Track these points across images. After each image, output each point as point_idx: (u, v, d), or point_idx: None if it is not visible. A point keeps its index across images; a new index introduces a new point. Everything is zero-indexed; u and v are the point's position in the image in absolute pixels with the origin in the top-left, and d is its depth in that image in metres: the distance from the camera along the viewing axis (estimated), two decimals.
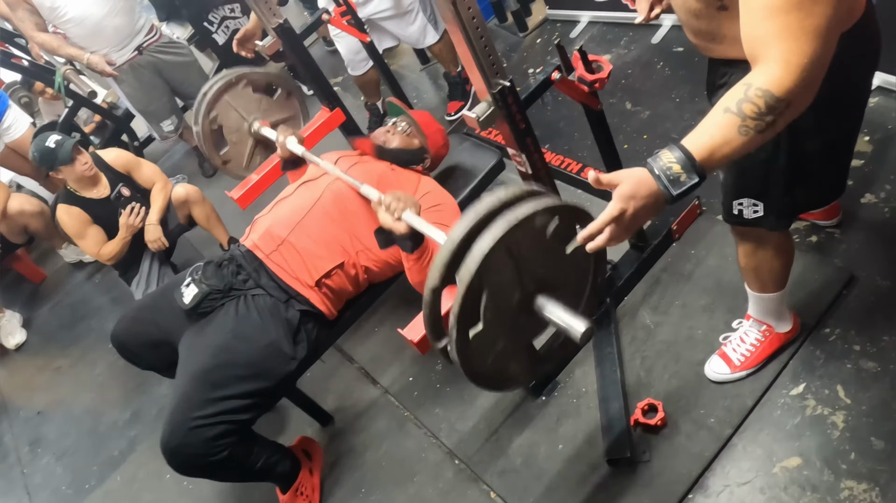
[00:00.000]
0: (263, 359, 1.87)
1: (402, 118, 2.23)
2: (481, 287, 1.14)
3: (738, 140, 1.04)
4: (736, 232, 1.62)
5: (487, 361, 1.29)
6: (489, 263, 1.11)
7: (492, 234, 1.11)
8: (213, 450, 1.81)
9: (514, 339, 1.32)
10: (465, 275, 1.12)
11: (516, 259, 1.17)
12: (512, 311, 1.24)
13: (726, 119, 1.04)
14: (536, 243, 1.20)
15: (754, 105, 1.02)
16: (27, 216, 3.84)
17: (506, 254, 1.14)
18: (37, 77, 4.36)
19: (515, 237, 1.13)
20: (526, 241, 1.17)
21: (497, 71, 1.51)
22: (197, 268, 1.99)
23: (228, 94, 2.29)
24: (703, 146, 1.06)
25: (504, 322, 1.24)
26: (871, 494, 1.60)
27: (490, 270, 1.13)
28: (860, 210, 2.08)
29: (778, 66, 1.00)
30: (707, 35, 1.30)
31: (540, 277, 1.24)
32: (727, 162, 1.08)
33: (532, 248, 1.19)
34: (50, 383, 3.52)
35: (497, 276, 1.16)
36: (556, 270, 1.27)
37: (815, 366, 1.83)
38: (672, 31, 3.10)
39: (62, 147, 2.86)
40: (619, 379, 1.97)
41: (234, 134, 2.40)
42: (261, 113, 2.39)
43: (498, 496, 1.96)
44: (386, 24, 3.15)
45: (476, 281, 1.12)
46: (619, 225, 1.11)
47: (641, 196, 1.09)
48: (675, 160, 1.07)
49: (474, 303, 1.15)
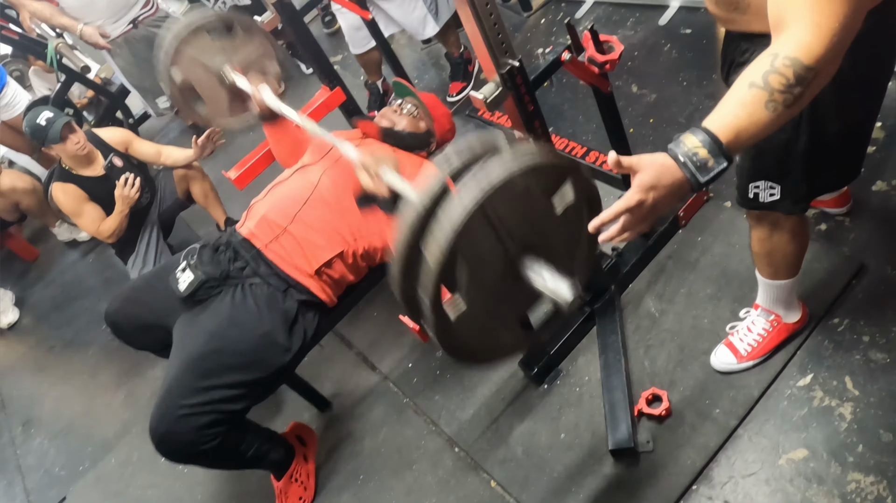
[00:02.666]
0: (257, 349, 1.83)
1: (408, 99, 2.17)
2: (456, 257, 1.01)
3: (765, 117, 0.98)
4: (751, 216, 1.58)
5: (474, 337, 1.17)
6: (463, 236, 0.98)
7: (463, 205, 0.96)
8: (203, 438, 1.78)
9: (503, 311, 1.18)
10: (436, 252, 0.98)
11: (496, 223, 1.03)
12: (497, 281, 1.11)
13: (752, 95, 0.98)
14: (520, 203, 1.06)
15: (782, 76, 0.96)
16: (19, 193, 3.78)
17: (484, 221, 1.01)
18: (28, 50, 4.27)
19: (493, 202, 1.00)
20: (507, 204, 1.03)
21: (506, 50, 1.45)
22: (192, 252, 1.94)
23: (186, 48, 2.11)
24: (729, 126, 0.99)
25: (489, 294, 1.12)
26: (879, 487, 1.57)
27: (466, 240, 0.99)
28: (871, 198, 2.04)
29: (808, 30, 0.95)
30: (730, 4, 1.24)
31: (526, 238, 1.10)
32: (755, 142, 1.01)
33: (515, 209, 1.05)
34: (43, 363, 3.48)
35: (475, 243, 1.03)
36: (545, 230, 1.13)
37: (823, 357, 1.80)
38: (679, 12, 3.04)
39: (52, 126, 2.79)
40: (623, 368, 1.94)
41: (207, 87, 2.21)
42: (226, 57, 2.17)
43: (498, 485, 1.94)
44: (387, 7, 3.08)
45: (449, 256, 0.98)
46: (636, 215, 1.04)
47: (664, 185, 1.02)
48: (701, 144, 1.00)
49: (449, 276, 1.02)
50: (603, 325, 2.06)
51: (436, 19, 3.10)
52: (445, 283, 1.03)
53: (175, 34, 2.08)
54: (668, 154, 1.03)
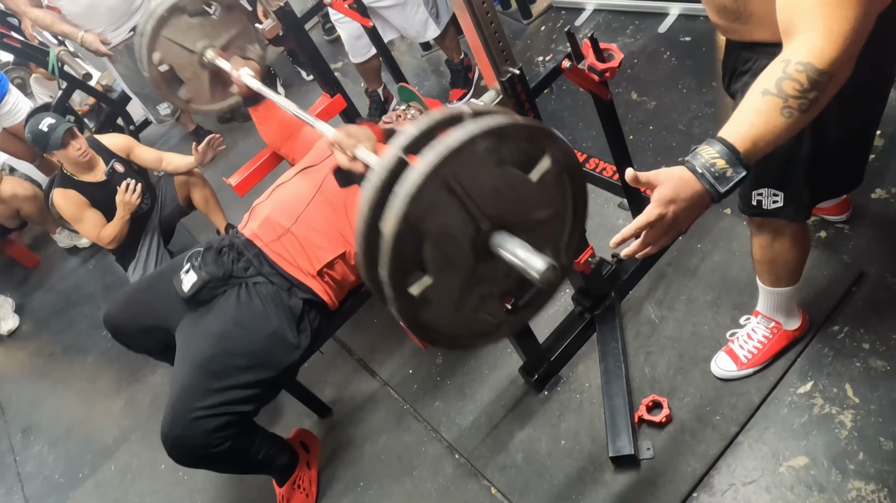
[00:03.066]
0: (267, 348, 1.83)
1: (413, 104, 2.18)
2: (419, 233, 0.95)
3: (782, 124, 0.98)
4: (753, 223, 1.58)
5: (447, 318, 1.10)
6: (420, 205, 0.92)
7: (417, 169, 0.91)
8: (215, 441, 1.78)
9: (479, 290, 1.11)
10: (390, 223, 0.92)
11: (461, 195, 0.96)
12: (468, 257, 1.04)
13: (766, 102, 0.98)
14: (487, 173, 0.98)
15: (796, 82, 0.96)
16: (20, 200, 3.78)
17: (445, 191, 0.94)
18: (30, 58, 4.27)
19: (454, 169, 0.93)
20: (470, 172, 0.96)
21: (507, 58, 1.46)
22: (196, 254, 1.94)
23: (165, 30, 2.10)
24: (746, 135, 0.99)
25: (460, 270, 1.04)
26: (880, 495, 1.57)
27: (426, 213, 0.94)
28: (870, 205, 2.05)
29: (819, 35, 0.95)
30: (732, 13, 1.24)
31: (498, 213, 1.02)
32: (771, 149, 1.00)
33: (482, 179, 0.98)
34: (42, 369, 3.47)
35: (439, 217, 0.96)
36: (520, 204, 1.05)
37: (824, 365, 1.80)
38: (679, 20, 3.05)
39: (54, 132, 2.79)
40: (623, 374, 1.94)
41: (187, 69, 2.20)
42: (206, 38, 2.17)
43: (499, 492, 1.93)
44: (387, 14, 3.09)
45: (405, 227, 0.92)
46: (658, 230, 1.03)
47: (683, 198, 1.01)
48: (718, 154, 0.99)
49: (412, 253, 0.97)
50: (603, 332, 2.06)
51: (437, 22, 3.11)
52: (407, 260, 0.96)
53: (153, 15, 2.06)
54: (685, 167, 1.02)
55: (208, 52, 2.15)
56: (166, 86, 2.22)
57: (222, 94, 2.31)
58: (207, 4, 2.14)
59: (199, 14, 2.14)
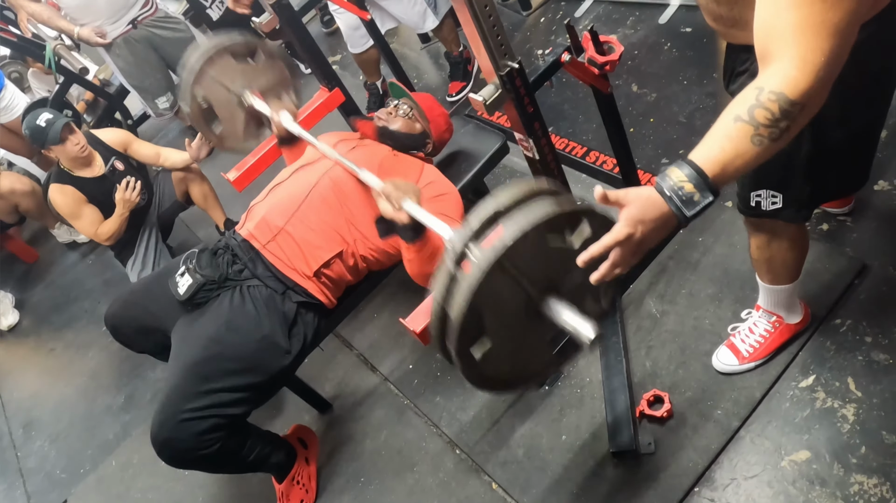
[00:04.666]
0: (257, 352, 1.83)
1: (404, 101, 2.16)
2: (480, 309, 1.08)
3: (751, 151, 0.97)
4: (750, 223, 1.57)
5: (504, 370, 1.23)
6: (480, 295, 1.05)
7: (478, 269, 1.03)
8: (203, 443, 1.77)
9: (530, 344, 1.24)
10: (458, 311, 1.05)
11: (515, 275, 1.09)
12: (520, 320, 1.17)
13: (738, 129, 0.97)
14: (536, 250, 1.11)
15: (767, 111, 0.95)
16: (18, 195, 3.77)
17: (500, 276, 1.07)
18: (26, 52, 4.26)
19: (509, 258, 1.05)
20: (522, 256, 1.08)
21: (505, 52, 1.44)
22: (191, 256, 1.93)
23: (211, 68, 2.18)
24: (715, 160, 0.99)
25: (514, 332, 1.18)
26: (882, 489, 1.57)
27: (484, 296, 1.06)
28: (873, 197, 2.03)
29: (793, 64, 0.94)
30: (728, 20, 1.24)
31: (545, 280, 1.16)
32: (741, 174, 1.01)
33: (532, 257, 1.10)
34: (43, 365, 3.48)
35: (496, 295, 1.09)
36: (564, 268, 1.17)
37: (826, 358, 1.80)
38: (680, 11, 3.03)
39: (52, 127, 2.77)
40: (624, 369, 1.93)
41: (225, 109, 2.29)
42: (246, 81, 2.26)
43: (500, 487, 1.93)
44: (385, 4, 3.07)
45: (468, 316, 1.05)
46: (626, 249, 1.04)
47: (651, 219, 1.02)
48: (686, 178, 0.99)
49: (474, 324, 1.09)
50: (604, 326, 2.05)
51: (435, 13, 3.09)
52: (471, 331, 1.09)
53: (202, 53, 2.15)
54: (653, 188, 1.02)
55: (247, 95, 2.25)
56: (204, 121, 2.29)
57: (255, 133, 2.39)
58: (252, 51, 2.24)
59: (243, 58, 2.24)
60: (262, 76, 2.28)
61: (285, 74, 2.32)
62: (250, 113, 2.29)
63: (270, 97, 2.27)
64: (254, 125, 2.36)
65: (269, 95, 2.27)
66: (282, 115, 2.15)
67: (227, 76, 2.22)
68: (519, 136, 1.66)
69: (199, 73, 2.16)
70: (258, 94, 2.27)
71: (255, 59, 2.25)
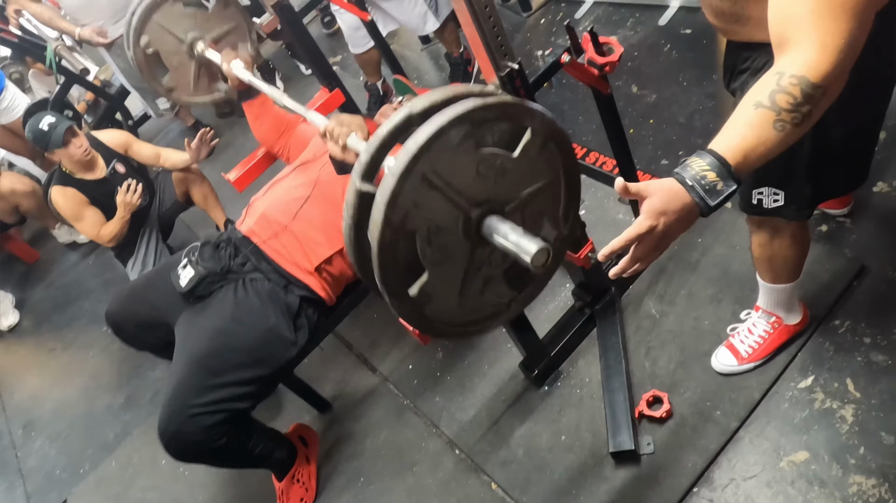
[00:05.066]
0: (263, 344, 1.83)
1: (408, 96, 2.16)
2: (408, 233, 0.93)
3: (774, 137, 0.96)
4: (752, 221, 1.57)
5: (451, 309, 1.08)
6: (401, 207, 0.90)
7: (391, 172, 0.89)
8: (211, 437, 1.78)
9: (481, 274, 1.08)
10: (374, 232, 0.90)
11: (442, 187, 0.94)
12: (462, 247, 1.02)
13: (759, 115, 0.96)
14: (466, 159, 0.95)
15: (790, 95, 0.94)
16: (19, 196, 3.77)
17: (425, 187, 0.92)
18: (27, 52, 4.26)
19: (429, 163, 0.90)
20: (448, 162, 0.93)
21: (505, 52, 1.45)
22: (194, 250, 1.94)
23: (158, 13, 2.07)
24: (737, 148, 0.97)
25: (457, 261, 1.03)
26: (881, 490, 1.57)
27: (410, 212, 0.92)
28: (872, 198, 2.04)
29: (813, 48, 0.93)
30: (730, 16, 1.24)
31: (486, 197, 1.00)
32: (763, 162, 0.99)
33: (463, 167, 0.95)
34: (43, 365, 3.48)
35: (424, 214, 0.94)
36: (508, 182, 1.02)
37: (824, 359, 1.80)
38: (680, 12, 3.03)
39: (55, 130, 2.77)
40: (623, 369, 1.93)
41: (174, 57, 2.16)
42: (198, 29, 2.14)
43: (499, 487, 1.93)
44: (386, 6, 3.08)
45: (389, 233, 0.91)
46: (648, 243, 1.01)
47: (673, 210, 0.99)
48: (709, 167, 0.97)
49: (405, 254, 0.95)
50: (603, 327, 2.06)
51: (436, 15, 3.09)
52: (400, 262, 0.96)
53: None
54: (674, 178, 1.00)
55: (199, 44, 2.13)
56: (150, 71, 2.18)
57: (207, 87, 2.27)
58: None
59: (193, 4, 2.12)
60: (216, 24, 2.16)
61: (240, 21, 2.20)
62: (201, 63, 2.17)
63: (226, 47, 2.15)
64: (206, 77, 2.24)
65: (224, 45, 2.15)
66: (233, 63, 2.02)
67: (176, 23, 2.10)
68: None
69: (143, 18, 2.05)
70: (211, 43, 2.15)
71: (208, 4, 2.14)
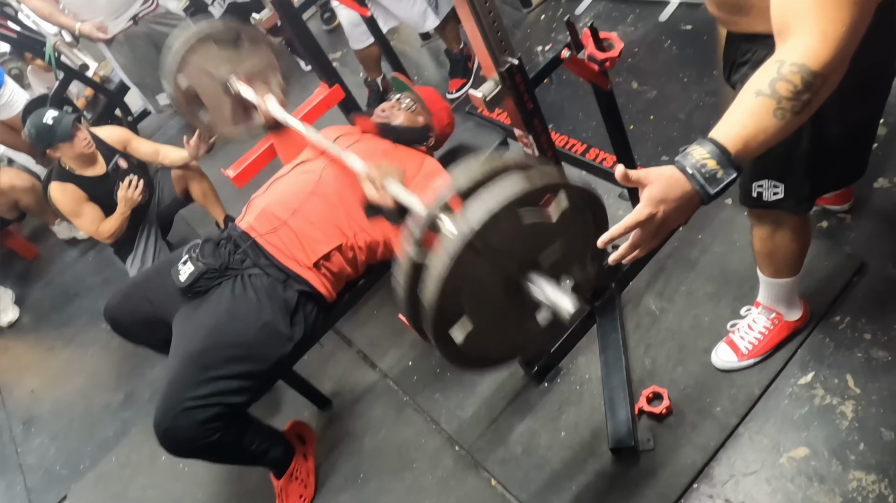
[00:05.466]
0: (258, 339, 1.82)
1: (406, 94, 2.16)
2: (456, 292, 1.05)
3: (774, 125, 0.96)
4: (753, 215, 1.57)
5: (489, 349, 1.21)
6: (453, 276, 1.02)
7: (446, 251, 1.01)
8: (205, 432, 1.77)
9: (514, 320, 1.20)
10: (429, 298, 1.02)
11: (489, 255, 1.06)
12: (502, 298, 1.13)
13: (759, 103, 0.96)
14: (510, 228, 1.07)
15: (790, 83, 0.94)
16: (18, 192, 3.77)
17: (474, 256, 1.04)
18: (26, 48, 4.25)
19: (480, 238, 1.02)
20: (495, 234, 1.05)
21: (505, 48, 1.44)
22: (195, 246, 1.94)
23: (193, 55, 2.14)
24: (737, 136, 0.97)
25: (496, 311, 1.14)
26: (880, 486, 1.57)
27: (458, 279, 1.03)
28: (872, 195, 2.03)
29: (813, 37, 0.93)
30: (732, 6, 1.23)
31: (524, 257, 1.12)
32: (763, 151, 0.99)
33: (506, 235, 1.07)
34: (43, 362, 3.48)
35: (471, 276, 1.06)
36: (543, 242, 1.14)
37: (825, 355, 1.80)
38: (680, 8, 3.02)
39: (61, 123, 2.76)
40: (623, 366, 1.93)
41: (211, 96, 2.24)
42: (231, 67, 2.21)
43: (499, 484, 1.93)
44: (386, 3, 3.08)
45: (442, 299, 1.03)
46: (647, 230, 1.02)
47: (673, 198, 0.99)
48: (709, 154, 0.97)
49: (451, 307, 1.06)
50: (603, 324, 2.05)
51: (436, 12, 3.09)
52: (448, 315, 1.07)
53: (184, 41, 2.11)
54: (675, 166, 1.00)
55: (232, 80, 2.20)
56: (189, 108, 2.26)
57: (243, 118, 2.34)
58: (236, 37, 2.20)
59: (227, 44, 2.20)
60: (248, 61, 2.22)
61: (271, 58, 2.26)
62: (237, 100, 2.24)
63: (257, 83, 2.21)
64: (241, 112, 2.31)
65: (255, 81, 2.22)
66: (267, 100, 2.10)
67: (211, 63, 2.17)
68: (519, 133, 1.66)
69: (182, 61, 2.11)
70: (244, 79, 2.22)
71: (239, 44, 2.20)
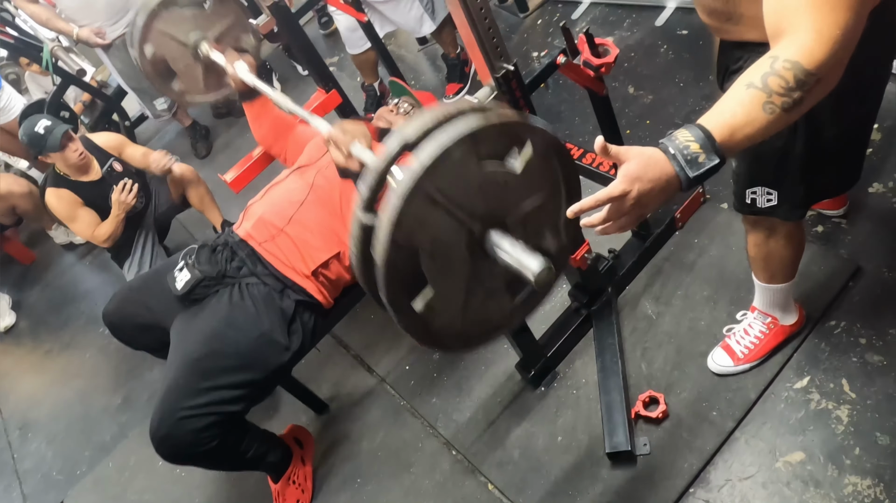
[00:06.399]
0: (256, 349, 1.83)
1: (404, 99, 2.16)
2: (412, 249, 0.94)
3: (762, 119, 0.96)
4: (747, 221, 1.58)
5: (454, 322, 1.07)
6: (405, 226, 0.92)
7: (394, 193, 0.90)
8: (202, 440, 1.78)
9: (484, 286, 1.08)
10: (379, 251, 0.92)
11: (445, 204, 0.95)
12: (466, 261, 1.02)
13: (749, 95, 0.96)
14: (469, 175, 0.96)
15: (782, 79, 0.94)
16: (16, 197, 3.77)
17: (428, 205, 0.93)
18: (23, 53, 4.25)
19: (433, 182, 0.92)
20: (451, 180, 0.94)
21: (501, 54, 1.45)
22: (191, 252, 1.94)
23: (157, 22, 2.07)
24: (724, 124, 0.97)
25: (461, 275, 1.03)
26: (876, 490, 1.57)
27: (414, 230, 0.93)
28: (867, 199, 2.04)
29: (809, 35, 0.93)
30: (723, 15, 1.24)
31: (489, 211, 1.01)
32: (749, 144, 0.98)
33: (465, 183, 0.96)
34: (40, 366, 3.47)
35: (428, 230, 0.95)
36: (510, 196, 1.03)
37: (820, 360, 1.80)
38: (676, 13, 3.03)
39: (51, 134, 2.76)
40: (619, 370, 1.94)
41: (180, 61, 2.17)
42: (199, 30, 2.13)
43: (496, 488, 1.93)
44: (382, 9, 3.08)
45: (394, 252, 0.92)
46: (620, 207, 1.00)
47: (650, 178, 0.97)
48: (693, 138, 0.97)
49: (410, 270, 0.95)
50: (600, 328, 2.06)
51: (432, 17, 3.10)
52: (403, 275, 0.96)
53: (144, 5, 2.04)
54: (658, 147, 1.00)
55: (202, 45, 2.13)
56: (159, 78, 2.20)
57: (216, 84, 2.28)
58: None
59: (191, 6, 2.12)
60: (215, 20, 2.15)
61: (238, 14, 2.20)
62: (207, 64, 2.17)
63: (228, 44, 2.15)
64: (214, 76, 2.24)
65: (225, 42, 2.15)
66: (237, 65, 2.03)
67: (178, 28, 2.10)
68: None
69: (146, 28, 2.05)
70: (214, 44, 2.15)
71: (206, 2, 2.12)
